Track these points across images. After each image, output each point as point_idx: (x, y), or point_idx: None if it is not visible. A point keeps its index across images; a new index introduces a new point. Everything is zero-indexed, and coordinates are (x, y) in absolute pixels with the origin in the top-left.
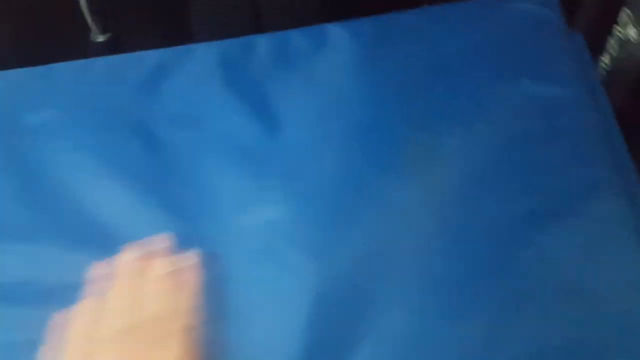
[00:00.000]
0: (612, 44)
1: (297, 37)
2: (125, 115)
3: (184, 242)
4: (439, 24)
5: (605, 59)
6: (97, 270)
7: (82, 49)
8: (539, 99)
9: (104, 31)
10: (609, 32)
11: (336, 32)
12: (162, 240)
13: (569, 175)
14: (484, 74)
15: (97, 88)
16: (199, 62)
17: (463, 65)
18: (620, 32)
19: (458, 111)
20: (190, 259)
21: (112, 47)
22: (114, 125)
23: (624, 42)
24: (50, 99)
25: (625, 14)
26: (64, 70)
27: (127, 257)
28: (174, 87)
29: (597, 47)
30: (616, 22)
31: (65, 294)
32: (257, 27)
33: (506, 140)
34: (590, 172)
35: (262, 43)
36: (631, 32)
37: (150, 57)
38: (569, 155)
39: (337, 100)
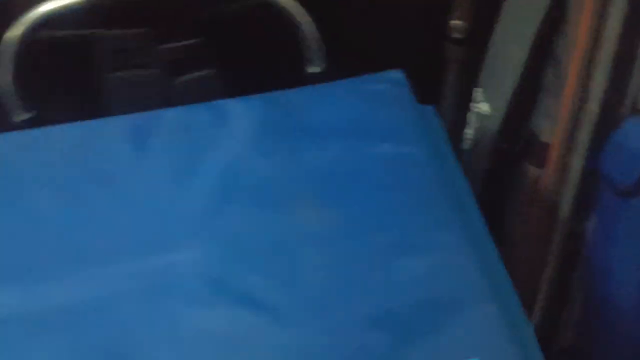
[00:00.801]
0: (472, 118)
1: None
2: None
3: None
4: (315, 100)
5: (470, 131)
6: None
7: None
8: (389, 156)
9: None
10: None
11: (232, 107)
12: None
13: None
14: (348, 138)
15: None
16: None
17: (332, 132)
18: (477, 107)
19: (330, 169)
20: None
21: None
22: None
23: (481, 116)
24: None
25: (478, 93)
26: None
27: None
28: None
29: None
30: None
31: None
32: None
33: (367, 189)
34: (432, 211)
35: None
36: (485, 107)
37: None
38: (414, 199)
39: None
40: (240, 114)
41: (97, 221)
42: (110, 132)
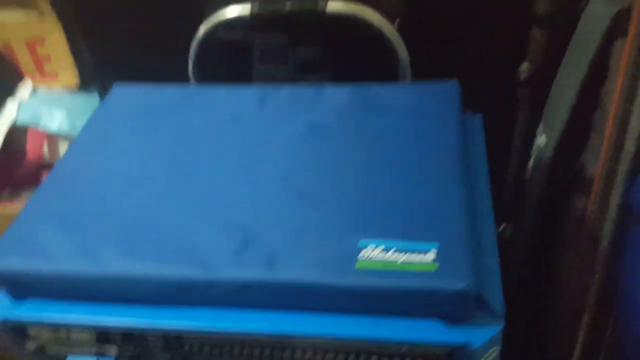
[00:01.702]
0: (534, 150)
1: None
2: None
3: None
4: (387, 90)
5: (531, 162)
6: None
7: None
8: (426, 129)
9: None
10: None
11: (330, 88)
12: None
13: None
14: (401, 114)
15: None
16: None
17: (391, 109)
18: (537, 141)
19: (382, 130)
20: None
21: None
22: None
23: (539, 149)
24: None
25: (541, 126)
26: None
27: None
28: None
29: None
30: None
31: None
32: None
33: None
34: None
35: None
36: (541, 139)
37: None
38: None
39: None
40: (335, 92)
41: (225, 143)
42: (246, 93)
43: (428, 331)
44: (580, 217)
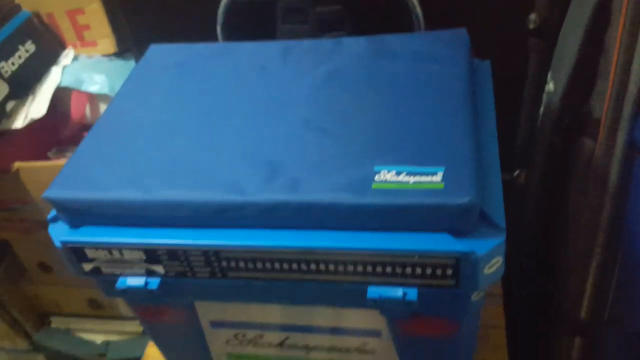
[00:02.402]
0: (543, 97)
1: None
2: None
3: None
4: (399, 39)
5: (541, 108)
6: None
7: None
8: (435, 72)
9: None
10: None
11: (347, 40)
12: None
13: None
14: (412, 60)
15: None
16: None
17: (403, 56)
18: (547, 87)
19: (394, 74)
20: None
21: None
22: None
23: (548, 93)
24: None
25: (549, 74)
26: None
27: None
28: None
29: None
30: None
31: None
32: None
33: (411, 88)
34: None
35: None
36: (551, 85)
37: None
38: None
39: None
40: (352, 43)
41: (252, 91)
42: (270, 48)
43: (437, 242)
44: (588, 159)
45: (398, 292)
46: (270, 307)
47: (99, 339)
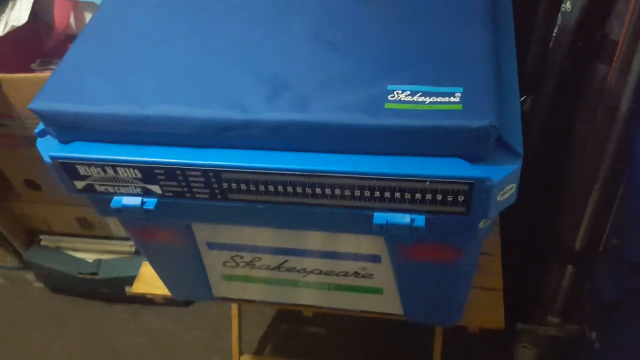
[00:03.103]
0: (559, 17)
1: None
2: None
3: None
4: None
5: (555, 30)
6: None
7: None
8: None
9: None
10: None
11: None
12: None
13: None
14: None
15: None
16: None
17: None
18: (563, 7)
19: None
20: None
21: None
22: None
23: (564, 13)
24: None
25: None
26: None
27: None
28: None
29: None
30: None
31: None
32: None
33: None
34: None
35: None
36: (567, 4)
37: None
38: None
39: None
40: None
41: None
42: None
43: (450, 167)
44: (600, 87)
45: (405, 218)
46: (269, 231)
47: (90, 257)
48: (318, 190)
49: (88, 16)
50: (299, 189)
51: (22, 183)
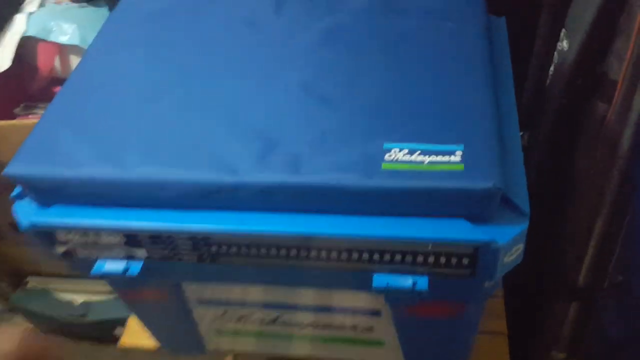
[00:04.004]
0: (555, 55)
1: None
2: None
3: None
4: (398, 1)
5: (552, 68)
6: None
7: None
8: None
9: None
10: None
11: None
12: None
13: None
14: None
15: None
16: None
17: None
18: (559, 45)
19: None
20: None
21: None
22: None
23: (561, 52)
24: None
25: (563, 32)
26: None
27: None
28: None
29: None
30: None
31: None
32: None
33: (424, 48)
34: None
35: None
36: (564, 43)
37: None
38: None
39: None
40: None
41: (241, 48)
42: None
43: (453, 230)
44: (600, 123)
45: (407, 281)
46: (263, 287)
47: (78, 299)
48: (313, 253)
49: (73, 59)
50: (293, 252)
51: (8, 225)
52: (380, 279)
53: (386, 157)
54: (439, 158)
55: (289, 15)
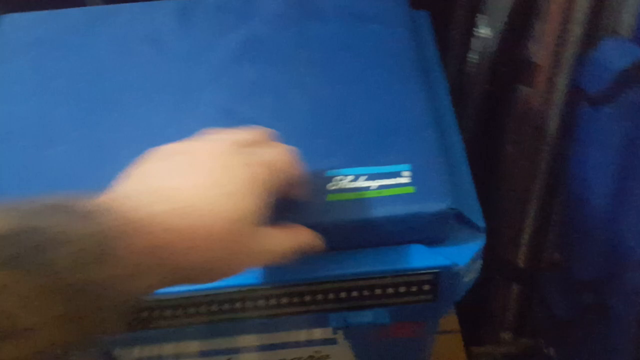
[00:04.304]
0: (475, 43)
1: None
2: None
3: None
4: (314, 3)
5: (473, 55)
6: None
7: None
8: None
9: None
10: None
11: None
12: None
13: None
14: (346, 20)
15: None
16: None
17: (336, 15)
18: (479, 32)
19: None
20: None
21: None
22: None
23: (483, 40)
24: None
25: (481, 19)
26: None
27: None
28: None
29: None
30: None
31: None
32: None
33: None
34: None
35: None
36: (486, 31)
37: None
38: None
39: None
40: (267, 0)
41: (148, 73)
42: (162, 9)
43: (411, 258)
44: (525, 107)
45: (367, 316)
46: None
47: None
48: (259, 303)
49: None
50: (233, 306)
51: None
52: (338, 318)
53: (330, 187)
54: (387, 181)
55: (196, 27)
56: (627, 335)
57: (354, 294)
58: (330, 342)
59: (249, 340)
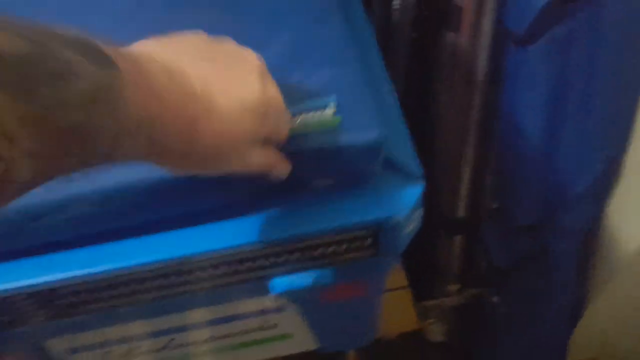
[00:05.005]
0: None
1: None
2: None
3: None
4: None
5: (396, 1)
6: None
7: None
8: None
9: None
10: None
11: None
12: None
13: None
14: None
15: None
16: None
17: None
18: None
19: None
20: None
21: None
22: None
23: None
24: None
25: None
26: None
27: None
28: None
29: None
30: None
31: None
32: None
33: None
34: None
35: None
36: None
37: None
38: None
39: None
40: None
41: None
42: None
43: (350, 213)
44: (453, 53)
45: (308, 279)
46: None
47: None
48: (198, 275)
49: None
50: (164, 281)
51: None
52: (280, 283)
53: None
54: (310, 116)
55: None
56: (568, 276)
57: (295, 256)
58: (277, 310)
59: (192, 316)
